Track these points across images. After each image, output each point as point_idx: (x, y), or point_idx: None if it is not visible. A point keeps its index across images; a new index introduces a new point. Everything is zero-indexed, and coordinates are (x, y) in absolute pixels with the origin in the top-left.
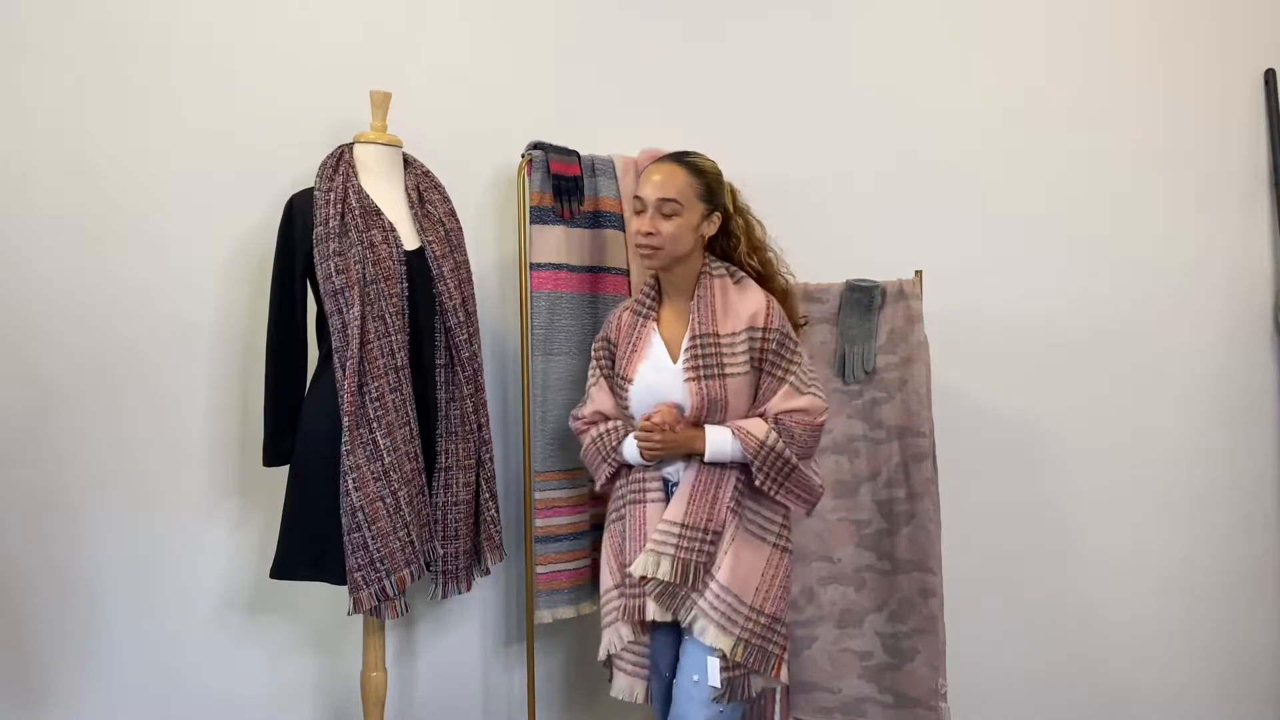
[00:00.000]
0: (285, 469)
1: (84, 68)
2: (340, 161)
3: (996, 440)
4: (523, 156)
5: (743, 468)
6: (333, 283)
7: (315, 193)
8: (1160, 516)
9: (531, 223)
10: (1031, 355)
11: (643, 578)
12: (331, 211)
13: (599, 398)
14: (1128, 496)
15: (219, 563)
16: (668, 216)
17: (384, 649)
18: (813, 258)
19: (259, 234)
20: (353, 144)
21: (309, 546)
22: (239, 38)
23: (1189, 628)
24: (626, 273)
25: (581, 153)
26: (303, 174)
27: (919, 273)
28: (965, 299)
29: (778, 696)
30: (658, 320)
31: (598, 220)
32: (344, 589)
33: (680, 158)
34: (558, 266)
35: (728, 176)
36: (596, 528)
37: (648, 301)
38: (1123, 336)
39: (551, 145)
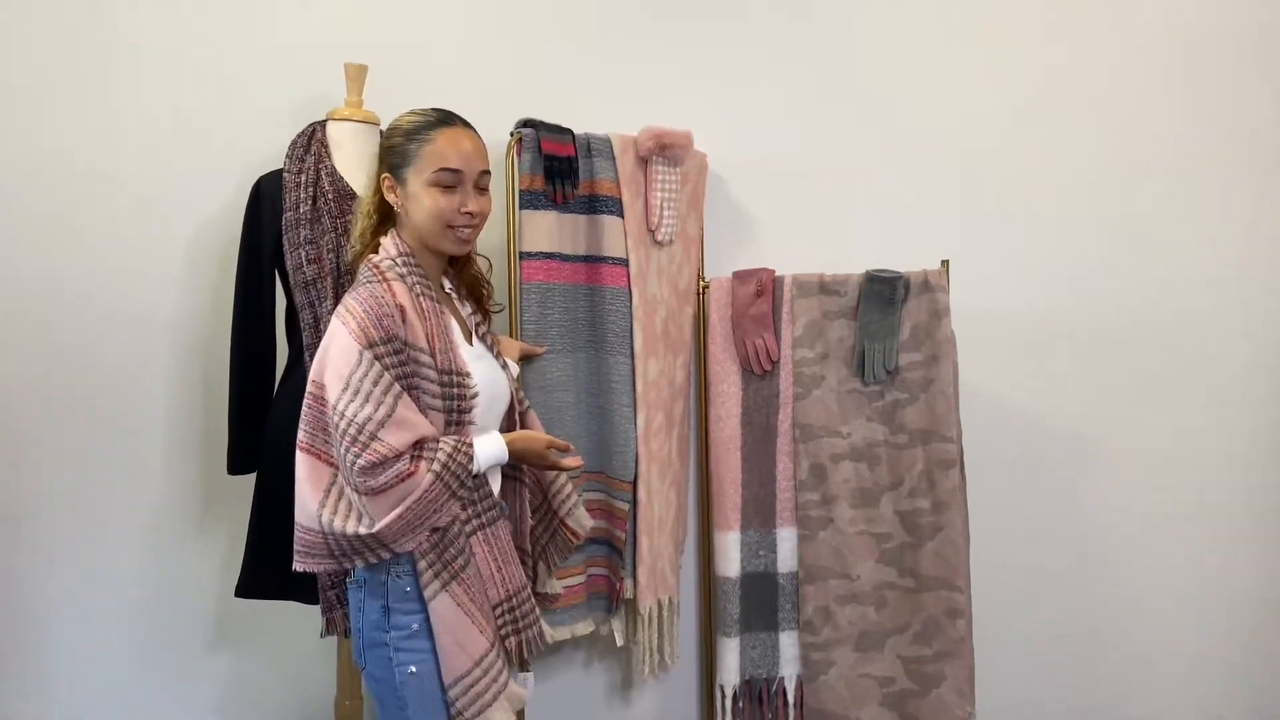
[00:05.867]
0: (252, 477)
1: (27, 43)
2: (311, 140)
3: (1027, 446)
4: (511, 135)
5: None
6: (304, 273)
7: (284, 174)
8: (1202, 528)
9: (521, 208)
10: (1066, 354)
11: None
12: (302, 195)
13: (413, 420)
14: (1168, 507)
15: (179, 579)
16: (482, 191)
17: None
18: (830, 246)
19: (222, 221)
20: (325, 121)
21: (277, 562)
22: (198, 7)
23: (1231, 648)
24: (626, 263)
25: (576, 131)
26: (270, 154)
27: (945, 262)
28: (995, 292)
29: None
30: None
31: (594, 205)
32: (316, 609)
33: (465, 120)
34: (550, 256)
35: (741, 158)
36: (595, 542)
37: (425, 280)
38: (1163, 335)
39: (543, 123)
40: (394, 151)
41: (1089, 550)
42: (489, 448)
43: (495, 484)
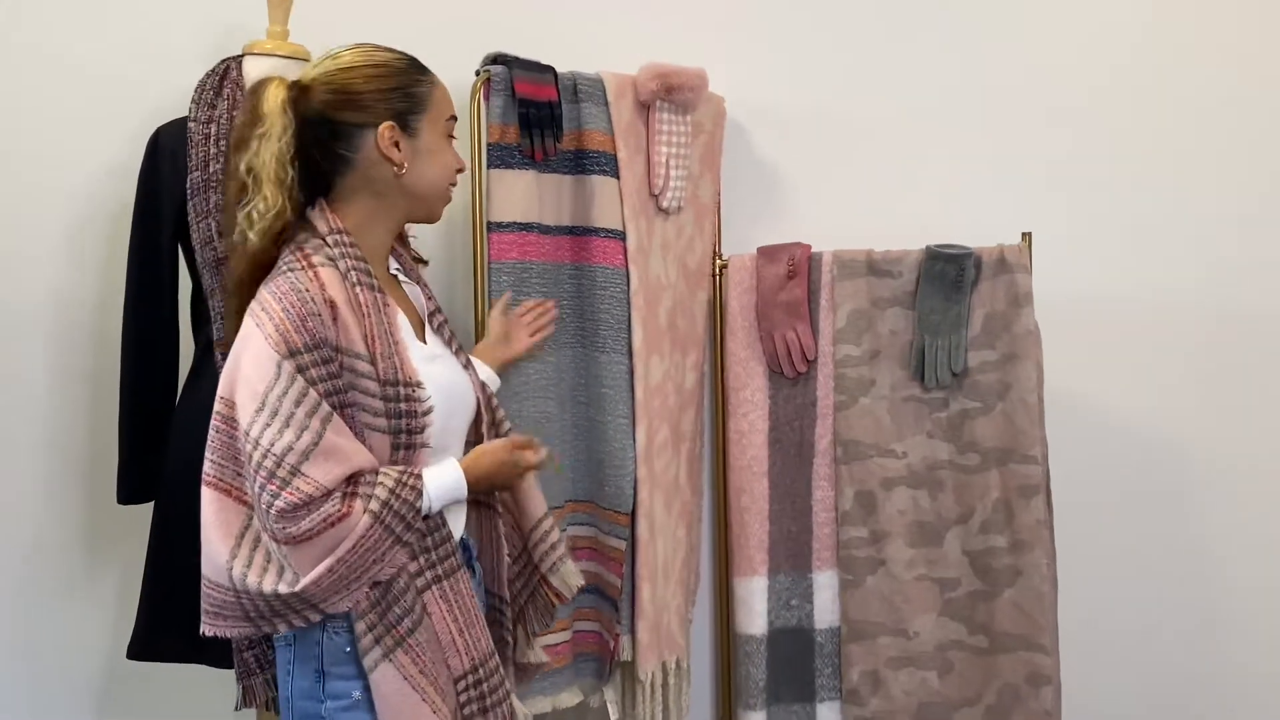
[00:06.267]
0: (148, 508)
1: None
2: (224, 81)
3: (1131, 469)
4: (477, 74)
5: None
6: (214, 249)
7: (190, 125)
8: None
9: (490, 166)
10: (1180, 353)
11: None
12: (212, 150)
13: (345, 448)
14: None
15: (58, 637)
16: None
17: None
18: (881, 215)
19: (111, 184)
20: (241, 57)
21: (181, 616)
22: None
23: None
24: (622, 236)
25: (559, 69)
26: (172, 99)
27: (1027, 236)
28: (1089, 274)
29: None
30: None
31: (582, 163)
32: (230, 674)
33: None
34: (526, 227)
35: (769, 104)
36: (583, 589)
37: (364, 265)
38: None
39: (517, 58)
40: (400, 94)
41: (1211, 604)
42: (443, 479)
43: (457, 524)
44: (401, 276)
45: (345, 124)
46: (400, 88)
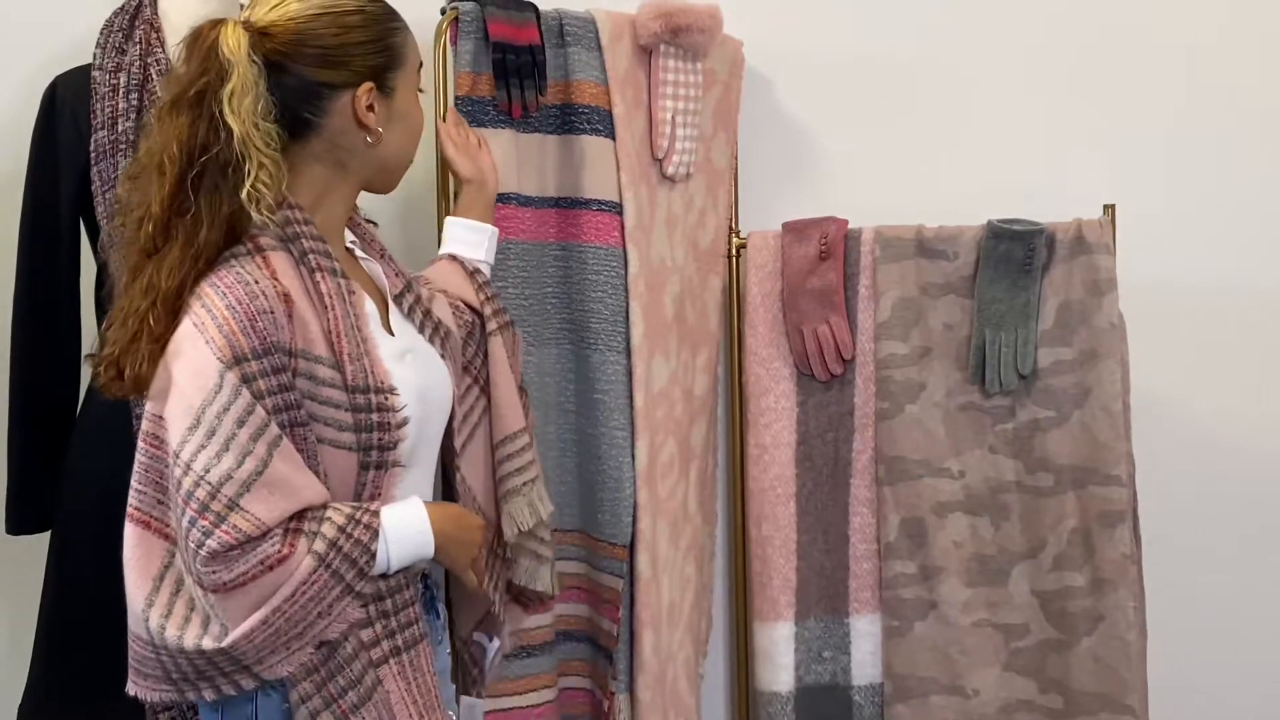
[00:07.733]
0: (45, 537)
1: None
2: (136, 21)
3: (1233, 491)
4: (442, 12)
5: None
6: (124, 225)
7: (94, 73)
8: None
9: None
10: None
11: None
12: (122, 105)
13: (294, 481)
14: None
15: None
16: None
17: None
18: (931, 184)
19: None
20: None
21: (83, 673)
22: None
23: None
24: (619, 209)
25: (542, 6)
26: (73, 42)
27: (1110, 209)
28: (1183, 256)
29: None
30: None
31: (570, 120)
32: None
33: None
34: (502, 198)
35: (797, 50)
36: (571, 638)
37: (324, 245)
38: None
39: None
40: (379, 47)
41: None
42: (404, 519)
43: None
44: (359, 251)
45: (314, 82)
46: (379, 39)
